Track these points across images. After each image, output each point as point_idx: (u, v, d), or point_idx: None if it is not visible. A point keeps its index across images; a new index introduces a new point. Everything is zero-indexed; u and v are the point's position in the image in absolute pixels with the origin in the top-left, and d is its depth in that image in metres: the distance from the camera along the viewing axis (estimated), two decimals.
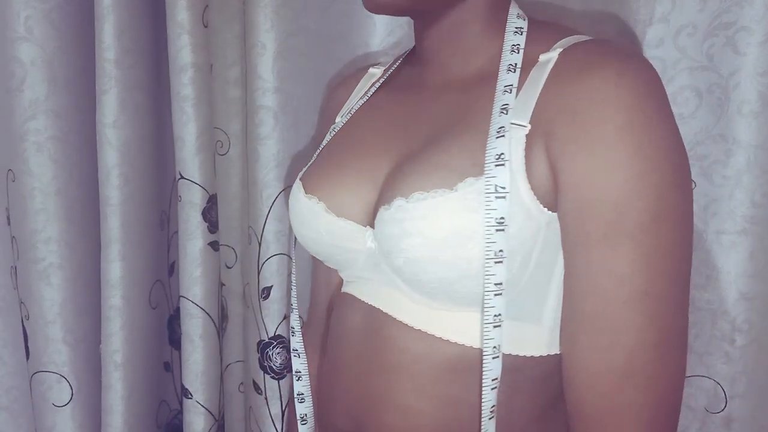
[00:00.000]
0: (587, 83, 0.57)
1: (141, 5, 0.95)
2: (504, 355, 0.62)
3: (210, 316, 0.98)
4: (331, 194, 0.70)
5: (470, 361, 0.63)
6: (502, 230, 0.57)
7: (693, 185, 0.82)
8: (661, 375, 0.57)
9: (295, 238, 0.81)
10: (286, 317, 1.00)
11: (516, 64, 0.63)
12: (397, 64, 0.82)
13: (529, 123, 0.59)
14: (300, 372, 0.83)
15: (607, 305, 0.56)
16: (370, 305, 0.70)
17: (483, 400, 0.61)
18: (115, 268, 0.95)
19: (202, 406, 0.99)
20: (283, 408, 1.03)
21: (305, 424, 0.83)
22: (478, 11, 0.68)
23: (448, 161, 0.61)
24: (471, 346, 0.63)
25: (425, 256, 0.60)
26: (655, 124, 0.56)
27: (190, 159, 0.94)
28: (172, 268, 1.11)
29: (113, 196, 0.94)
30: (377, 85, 0.81)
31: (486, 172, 0.58)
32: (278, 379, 1.02)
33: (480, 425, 0.62)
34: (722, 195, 0.80)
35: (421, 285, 0.62)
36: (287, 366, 1.02)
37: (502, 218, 0.57)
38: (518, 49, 0.65)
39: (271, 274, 0.98)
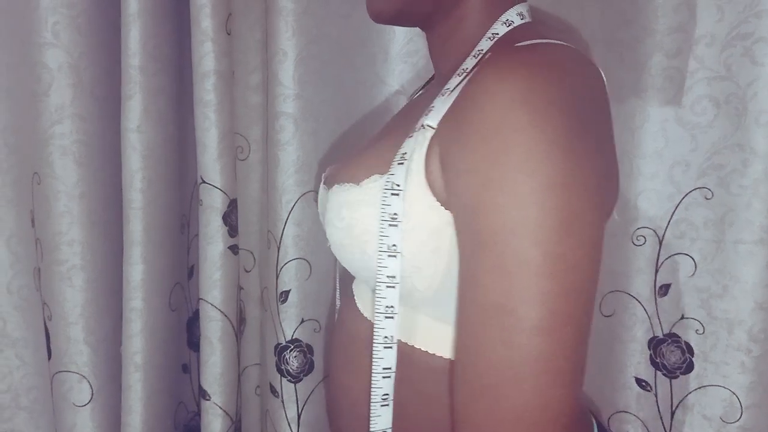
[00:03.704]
0: (478, 84, 0.55)
1: (166, 13, 0.97)
2: (416, 349, 0.64)
3: (229, 319, 0.99)
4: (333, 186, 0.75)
5: (403, 356, 0.64)
6: (396, 225, 0.59)
7: (710, 194, 0.82)
8: (515, 398, 0.52)
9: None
10: (304, 321, 1.01)
11: (467, 68, 0.62)
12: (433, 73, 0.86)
13: (437, 125, 0.59)
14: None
15: (468, 314, 0.54)
16: (352, 293, 0.75)
17: (373, 387, 0.62)
18: (136, 271, 0.97)
19: (220, 408, 1.00)
20: (299, 411, 1.04)
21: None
22: (469, 17, 0.68)
23: (365, 159, 0.66)
24: (401, 340, 0.64)
25: (338, 244, 0.65)
26: (524, 132, 0.51)
27: (211, 164, 0.95)
28: (192, 271, 1.13)
29: (136, 199, 0.95)
30: (421, 91, 0.84)
31: (390, 170, 0.60)
32: (295, 383, 1.03)
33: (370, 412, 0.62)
34: (739, 204, 0.80)
35: (351, 271, 0.67)
36: (304, 369, 1.03)
37: (396, 214, 0.59)
38: (478, 54, 0.64)
39: (290, 278, 0.99)
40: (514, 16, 0.67)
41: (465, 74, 0.60)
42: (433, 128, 0.59)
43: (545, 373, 0.51)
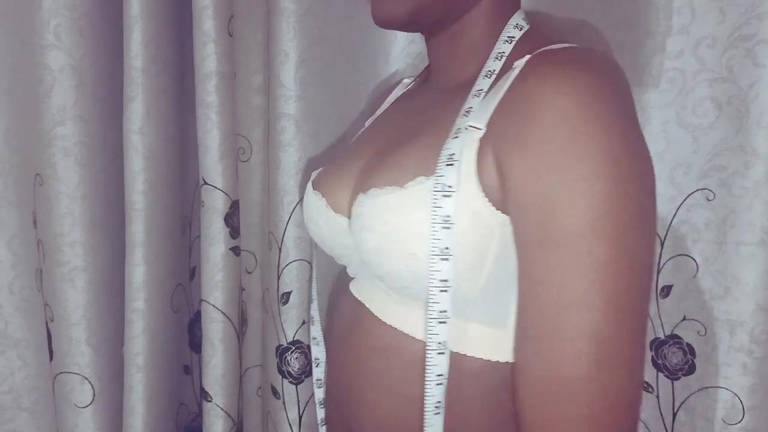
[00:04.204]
0: (529, 87, 0.56)
1: (168, 15, 0.97)
2: (465, 357, 0.62)
3: (231, 320, 0.99)
4: (330, 191, 0.74)
5: (419, 354, 0.64)
6: (449, 228, 0.58)
7: (712, 196, 0.82)
8: (593, 392, 0.53)
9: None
10: (305, 323, 1.01)
11: (494, 70, 0.64)
12: (420, 74, 0.85)
13: (486, 126, 0.59)
14: (318, 359, 0.87)
15: (540, 313, 0.55)
16: (357, 299, 0.73)
17: (426, 395, 0.61)
18: (138, 272, 0.97)
19: (222, 409, 1.00)
20: (301, 413, 1.04)
21: (323, 407, 0.86)
22: (477, 22, 0.70)
23: (405, 160, 0.64)
24: (417, 339, 0.64)
25: (378, 250, 0.62)
26: (596, 131, 0.53)
27: (213, 165, 0.96)
28: (194, 273, 1.13)
29: (138, 200, 0.95)
30: (399, 92, 0.84)
31: (437, 171, 0.59)
32: (296, 384, 1.03)
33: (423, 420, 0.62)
34: (741, 206, 0.80)
35: (381, 279, 0.64)
36: (305, 371, 1.03)
37: (449, 216, 0.57)
38: (501, 57, 0.66)
39: (291, 279, 0.99)
40: (521, 21, 0.69)
41: (493, 75, 0.62)
42: (479, 129, 0.59)
43: (622, 367, 0.53)
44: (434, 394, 0.61)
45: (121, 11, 0.93)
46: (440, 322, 0.60)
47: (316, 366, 0.87)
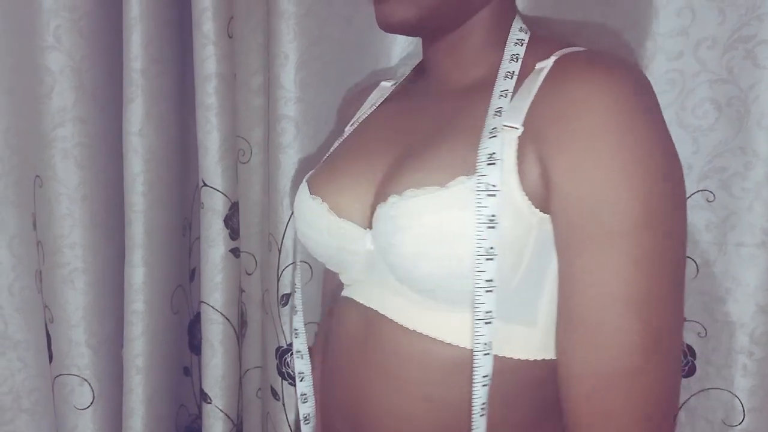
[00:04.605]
0: (572, 87, 0.58)
1: (167, 16, 0.97)
2: (496, 357, 0.62)
3: (230, 322, 0.99)
4: (333, 195, 0.72)
5: (461, 362, 0.63)
6: (493, 227, 0.58)
7: (712, 197, 0.82)
8: (649, 381, 0.56)
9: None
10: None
11: (513, 71, 0.65)
12: (406, 76, 0.84)
13: (522, 126, 0.60)
14: (303, 373, 0.85)
15: (592, 308, 0.56)
16: (367, 307, 0.70)
17: (474, 397, 0.61)
18: (138, 273, 0.97)
19: (221, 410, 1.00)
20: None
21: (308, 423, 0.84)
22: (482, 26, 0.71)
23: (441, 160, 0.63)
24: (462, 347, 0.63)
25: (416, 252, 0.60)
26: (637, 130, 0.56)
27: (213, 167, 0.96)
28: (193, 274, 1.13)
29: (137, 202, 0.95)
30: (385, 94, 0.83)
31: (478, 170, 0.59)
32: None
33: (471, 423, 0.62)
34: (741, 207, 0.80)
35: (414, 283, 0.63)
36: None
37: (493, 216, 0.58)
38: (517, 58, 0.67)
39: (290, 281, 0.99)
40: (523, 25, 0.71)
41: (514, 76, 0.64)
42: (516, 128, 0.60)
43: (667, 358, 0.57)
44: (480, 395, 0.61)
45: (120, 13, 0.93)
46: (486, 323, 0.60)
47: (301, 380, 0.85)
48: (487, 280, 0.59)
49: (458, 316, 0.62)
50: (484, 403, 0.61)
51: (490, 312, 0.60)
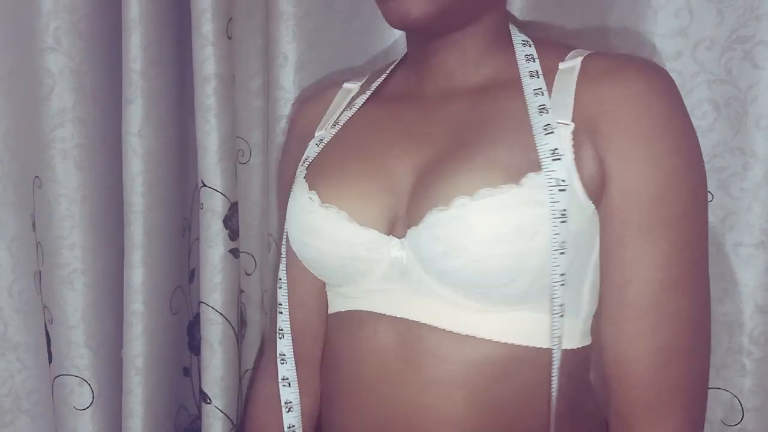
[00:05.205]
0: (623, 84, 0.63)
1: (166, 17, 0.97)
2: (543, 349, 0.64)
3: (230, 322, 0.99)
4: (351, 203, 0.70)
5: (520, 361, 0.64)
6: (565, 222, 0.61)
7: (711, 197, 0.82)
8: (697, 358, 0.63)
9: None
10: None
11: (537, 70, 0.68)
12: (383, 76, 0.82)
13: (572, 122, 0.63)
14: (291, 403, 0.81)
15: (649, 292, 0.61)
16: (400, 318, 0.68)
17: (552, 390, 0.64)
18: (137, 274, 0.97)
19: (221, 411, 1.00)
20: None
21: None
22: (486, 26, 0.71)
23: (503, 159, 0.63)
24: (519, 345, 0.64)
25: (491, 253, 0.60)
26: (687, 124, 0.64)
27: (212, 167, 0.95)
28: (193, 275, 1.13)
29: (137, 203, 0.95)
30: (365, 96, 0.80)
31: (544, 166, 0.61)
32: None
33: (549, 420, 0.65)
34: (740, 207, 0.81)
35: (476, 285, 0.62)
36: None
37: (564, 210, 0.61)
38: (533, 58, 0.69)
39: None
40: (516, 27, 0.74)
41: (540, 75, 0.67)
42: (567, 124, 0.64)
43: (708, 337, 0.66)
44: (557, 389, 0.64)
45: (119, 14, 0.93)
46: (560, 316, 0.63)
47: (288, 411, 0.80)
48: (561, 275, 0.62)
49: (513, 315, 0.64)
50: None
51: (563, 305, 0.63)
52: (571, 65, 0.67)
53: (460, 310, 0.65)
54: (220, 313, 0.98)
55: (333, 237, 0.69)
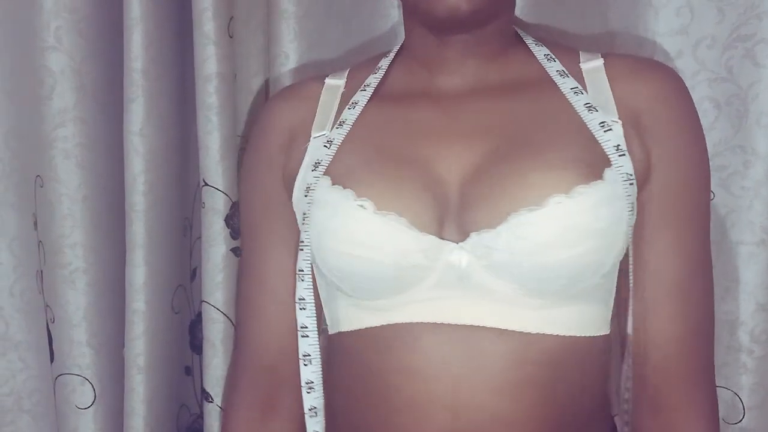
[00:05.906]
0: (654, 84, 0.69)
1: (168, 16, 0.97)
2: (595, 337, 0.68)
3: (231, 321, 0.99)
4: (409, 210, 0.65)
5: (579, 351, 0.67)
6: (632, 214, 0.66)
7: (712, 196, 0.83)
8: (711, 342, 0.70)
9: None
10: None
11: (563, 70, 0.70)
12: (382, 71, 0.78)
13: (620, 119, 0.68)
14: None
15: (682, 277, 0.67)
16: (461, 325, 0.64)
17: (623, 377, 0.73)
18: (139, 273, 0.97)
19: (223, 410, 1.00)
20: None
21: None
22: (503, 25, 0.73)
23: (577, 156, 0.65)
24: (579, 336, 0.66)
25: (586, 248, 0.62)
26: (699, 122, 0.71)
27: (213, 166, 0.95)
28: (194, 274, 1.13)
29: (138, 202, 0.95)
30: (366, 92, 0.76)
31: (613, 162, 0.65)
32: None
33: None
34: (741, 206, 0.81)
35: (557, 281, 0.62)
36: None
37: (633, 203, 0.66)
38: (552, 58, 0.72)
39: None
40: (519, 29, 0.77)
41: (566, 74, 0.70)
42: (617, 122, 0.68)
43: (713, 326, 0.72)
44: (627, 376, 0.72)
45: (121, 13, 0.93)
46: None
47: (313, 416, 0.77)
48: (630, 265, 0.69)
49: (582, 307, 0.66)
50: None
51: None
52: (594, 66, 0.71)
53: (520, 308, 0.64)
54: (222, 312, 0.98)
55: (392, 245, 0.64)
